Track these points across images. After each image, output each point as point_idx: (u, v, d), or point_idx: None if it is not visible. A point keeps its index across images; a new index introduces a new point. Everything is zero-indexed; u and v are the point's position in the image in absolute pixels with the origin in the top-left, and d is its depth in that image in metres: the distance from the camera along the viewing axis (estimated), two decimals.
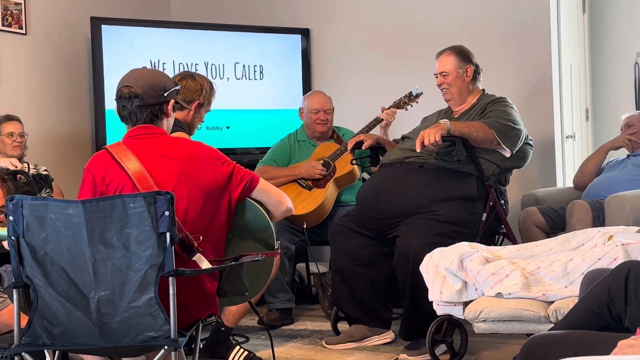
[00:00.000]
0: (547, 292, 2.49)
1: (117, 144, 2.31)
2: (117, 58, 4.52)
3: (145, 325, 1.96)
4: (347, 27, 4.94)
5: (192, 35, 4.84)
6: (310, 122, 4.16)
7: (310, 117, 4.16)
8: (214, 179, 2.27)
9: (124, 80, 2.33)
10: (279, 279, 3.76)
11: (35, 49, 4.46)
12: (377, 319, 3.38)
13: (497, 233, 3.48)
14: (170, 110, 2.35)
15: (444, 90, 3.48)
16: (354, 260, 3.36)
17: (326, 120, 4.15)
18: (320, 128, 4.16)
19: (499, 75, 4.31)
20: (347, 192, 4.09)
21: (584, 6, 5.06)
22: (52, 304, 1.99)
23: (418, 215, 3.18)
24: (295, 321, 3.90)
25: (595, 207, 3.63)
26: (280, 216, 2.44)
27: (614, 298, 1.79)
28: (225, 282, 2.27)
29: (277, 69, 4.99)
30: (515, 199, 4.11)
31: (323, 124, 4.15)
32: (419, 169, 3.28)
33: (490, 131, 3.22)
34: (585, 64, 5.11)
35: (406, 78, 4.49)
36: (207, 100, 3.21)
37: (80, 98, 4.72)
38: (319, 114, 4.14)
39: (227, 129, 4.84)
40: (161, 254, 1.95)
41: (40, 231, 1.98)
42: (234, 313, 3.12)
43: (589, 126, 5.15)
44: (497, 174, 3.31)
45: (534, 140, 3.53)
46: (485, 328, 2.57)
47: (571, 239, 2.74)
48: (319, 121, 4.15)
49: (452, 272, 2.65)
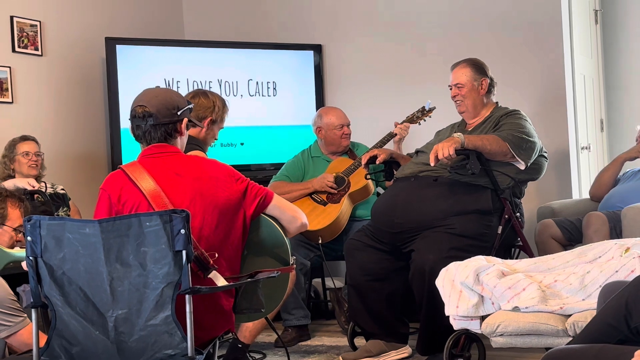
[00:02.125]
0: (564, 305, 2.47)
1: (132, 163, 2.33)
2: (131, 77, 4.56)
3: (162, 343, 1.97)
4: (360, 42, 4.96)
5: (205, 53, 4.88)
6: (336, 138, 4.17)
7: (334, 132, 4.16)
8: (228, 196, 2.28)
9: (137, 100, 2.35)
10: (294, 295, 3.76)
11: (50, 70, 4.52)
12: (394, 333, 3.37)
13: (513, 246, 3.46)
14: (183, 129, 2.37)
15: (458, 102, 3.48)
16: (370, 275, 3.36)
17: (349, 134, 4.18)
18: (346, 142, 4.19)
19: (512, 87, 4.31)
20: (362, 207, 4.09)
21: (596, 17, 5.05)
22: (70, 323, 2.00)
23: (433, 229, 3.17)
24: (312, 337, 3.89)
25: (612, 218, 3.61)
26: (295, 231, 2.44)
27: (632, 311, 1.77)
28: (241, 299, 2.27)
29: (290, 85, 5.01)
30: (531, 211, 4.09)
31: (348, 138, 4.19)
32: (433, 183, 3.28)
33: (504, 144, 3.21)
34: (599, 75, 5.09)
35: (419, 93, 4.50)
36: (220, 117, 3.24)
37: (96, 117, 4.77)
38: (343, 128, 4.16)
39: (242, 146, 4.86)
40: (177, 272, 1.96)
41: (58, 251, 2.00)
42: (250, 330, 3.12)
43: (604, 137, 5.13)
44: (512, 187, 3.30)
45: (548, 152, 3.52)
46: (502, 342, 2.55)
47: (588, 251, 2.72)
48: (344, 136, 4.17)
49: (469, 286, 2.64)
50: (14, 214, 2.88)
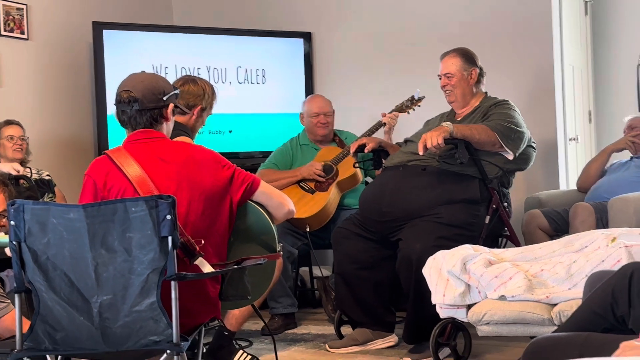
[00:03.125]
0: (550, 295, 2.48)
1: (118, 148, 2.31)
2: (119, 62, 4.52)
3: (147, 329, 1.95)
4: (350, 31, 4.94)
5: (194, 39, 4.84)
6: (311, 125, 4.16)
7: (310, 121, 4.16)
8: (214, 183, 2.26)
9: (123, 84, 2.32)
10: (281, 283, 3.75)
11: (37, 54, 4.47)
12: (380, 322, 3.38)
13: (500, 235, 3.47)
14: (169, 114, 2.35)
15: (448, 92, 3.47)
16: (357, 263, 3.36)
17: (327, 123, 4.15)
18: (321, 131, 4.16)
19: (502, 77, 4.30)
20: (350, 196, 4.08)
21: (586, 8, 5.05)
22: (54, 308, 1.98)
23: (421, 218, 3.17)
24: (299, 325, 3.89)
25: (599, 209, 3.62)
26: (282, 218, 2.43)
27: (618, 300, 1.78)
28: (227, 286, 2.26)
29: (279, 72, 4.99)
30: (518, 202, 4.10)
31: (324, 127, 4.15)
32: (421, 172, 3.27)
33: (492, 134, 3.21)
34: (588, 66, 5.10)
35: (408, 82, 4.48)
36: (209, 104, 3.21)
37: (83, 103, 4.73)
38: (319, 117, 4.14)
39: (230, 133, 4.84)
40: (163, 258, 1.95)
41: (42, 236, 1.98)
42: (237, 317, 3.12)
43: (592, 128, 5.14)
44: (500, 177, 3.30)
45: (536, 142, 3.52)
46: (488, 331, 2.56)
47: (574, 241, 2.73)
48: (319, 124, 4.15)
49: (455, 275, 2.65)
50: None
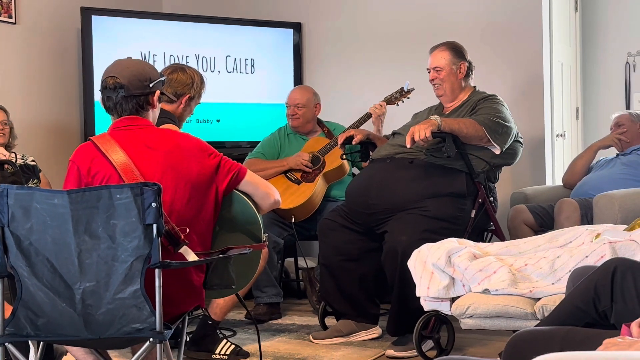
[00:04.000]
0: (534, 289, 2.49)
1: (103, 135, 2.29)
2: (107, 49, 4.48)
3: (130, 317, 1.95)
4: (340, 22, 4.93)
5: (183, 27, 4.81)
6: (286, 116, 4.18)
7: (286, 112, 4.17)
8: (200, 171, 2.25)
9: (108, 70, 2.30)
10: (266, 273, 3.75)
11: (24, 39, 4.43)
12: (364, 314, 3.38)
13: (486, 230, 3.48)
14: (156, 101, 2.33)
15: (436, 86, 3.47)
16: (343, 255, 3.36)
17: (296, 115, 4.14)
18: (292, 122, 4.18)
19: (490, 72, 4.31)
20: (337, 187, 4.08)
21: (576, 5, 5.07)
22: (36, 294, 1.98)
23: (407, 211, 3.18)
24: (283, 316, 3.89)
25: (584, 205, 3.64)
26: (268, 208, 2.43)
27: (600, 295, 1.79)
28: (212, 275, 2.25)
29: (268, 62, 4.97)
30: (504, 197, 4.11)
31: (294, 119, 4.15)
32: (408, 165, 3.28)
33: (480, 128, 3.22)
34: (577, 63, 5.11)
35: (398, 74, 4.48)
36: (198, 94, 3.20)
37: (70, 89, 4.69)
38: (290, 108, 4.15)
39: (218, 122, 4.82)
40: (147, 246, 1.94)
41: (25, 221, 1.97)
42: (221, 307, 3.11)
43: (579, 125, 5.16)
44: (486, 171, 3.31)
45: (524, 138, 3.53)
46: (472, 324, 2.57)
47: (559, 236, 2.74)
48: (289, 116, 4.16)
49: (440, 268, 2.65)
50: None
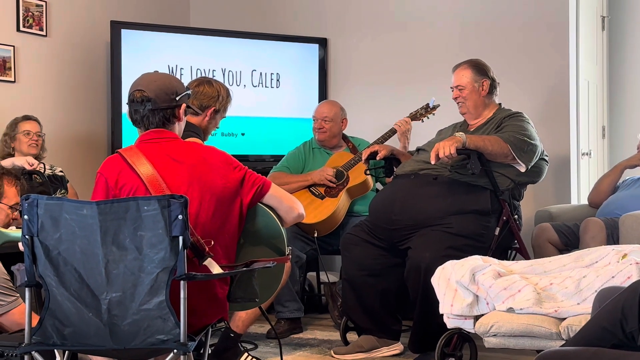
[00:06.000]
0: (559, 309, 2.47)
1: (130, 147, 2.32)
2: (135, 62, 4.54)
3: (155, 328, 1.96)
4: (365, 37, 4.95)
5: (210, 41, 4.87)
6: (313, 130, 4.19)
7: (313, 125, 4.18)
8: (225, 184, 2.27)
9: (136, 84, 2.33)
10: (288, 287, 3.75)
11: (55, 51, 4.50)
12: (386, 330, 3.37)
13: (510, 248, 3.46)
14: (182, 114, 2.36)
15: (460, 104, 3.48)
16: (365, 270, 3.36)
17: (323, 129, 4.17)
18: (318, 136, 4.20)
19: (516, 90, 4.30)
20: (360, 203, 4.08)
21: (603, 24, 5.04)
22: (63, 303, 2.00)
23: (431, 228, 3.17)
24: (305, 330, 3.89)
25: (610, 225, 3.60)
26: (292, 222, 2.43)
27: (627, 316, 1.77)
28: (236, 288, 2.26)
29: (293, 77, 5.00)
30: (529, 215, 4.08)
31: (320, 132, 4.18)
32: (433, 181, 3.27)
33: (505, 145, 3.21)
34: (603, 82, 5.09)
35: (423, 90, 4.49)
36: (223, 107, 3.22)
37: (98, 101, 4.76)
38: (317, 122, 4.18)
39: (242, 136, 4.85)
40: (173, 258, 1.96)
41: (54, 231, 1.99)
42: (243, 320, 3.12)
43: (605, 144, 5.13)
44: (511, 189, 3.29)
45: (549, 156, 3.52)
46: (495, 343, 2.55)
47: (585, 255, 2.72)
48: (316, 129, 4.18)
49: (464, 286, 2.64)
50: (10, 191, 2.87)
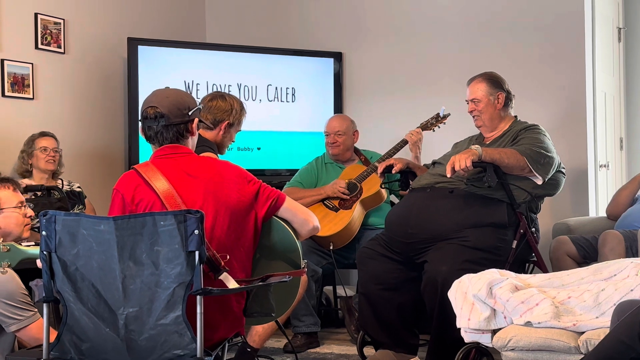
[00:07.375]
0: (577, 322, 2.45)
1: (146, 163, 2.33)
2: (152, 78, 4.59)
3: (172, 343, 1.97)
4: (380, 51, 4.96)
5: (226, 57, 4.90)
6: (326, 145, 4.20)
7: (325, 140, 4.19)
8: (240, 198, 2.28)
9: (148, 100, 2.35)
10: (305, 302, 3.75)
11: (72, 68, 4.55)
12: (403, 344, 3.35)
13: (528, 261, 3.44)
14: (194, 129, 2.38)
15: (475, 117, 3.48)
16: (382, 284, 3.34)
17: (336, 143, 4.18)
18: (332, 150, 4.20)
19: (533, 102, 4.29)
20: (375, 215, 4.08)
21: (619, 35, 5.03)
22: (81, 319, 2.01)
23: (447, 241, 3.16)
24: (321, 344, 3.88)
25: (628, 237, 3.57)
26: (307, 234, 2.44)
27: None
28: (252, 302, 2.27)
29: (309, 91, 5.02)
30: (546, 227, 4.06)
31: (334, 147, 4.18)
32: (449, 195, 3.26)
33: (522, 158, 3.20)
34: (620, 93, 5.06)
35: (438, 102, 4.48)
36: (237, 120, 3.24)
37: (115, 117, 4.80)
38: (329, 136, 4.19)
39: (258, 150, 4.87)
40: (189, 272, 1.96)
41: (72, 246, 2.01)
42: (260, 334, 3.12)
43: (623, 155, 5.09)
44: (528, 202, 3.27)
45: (566, 168, 3.50)
46: (513, 357, 2.53)
47: (603, 268, 2.69)
48: (329, 144, 4.19)
49: (481, 299, 2.62)
50: (3, 194, 2.80)
